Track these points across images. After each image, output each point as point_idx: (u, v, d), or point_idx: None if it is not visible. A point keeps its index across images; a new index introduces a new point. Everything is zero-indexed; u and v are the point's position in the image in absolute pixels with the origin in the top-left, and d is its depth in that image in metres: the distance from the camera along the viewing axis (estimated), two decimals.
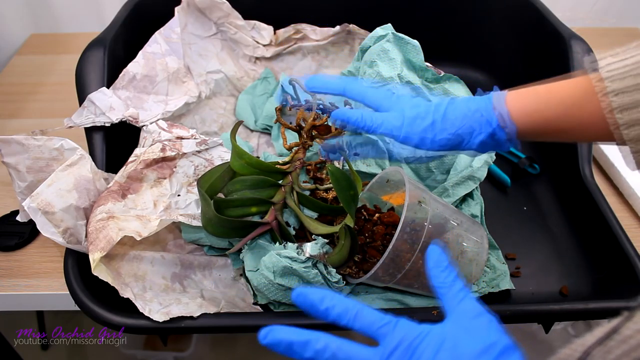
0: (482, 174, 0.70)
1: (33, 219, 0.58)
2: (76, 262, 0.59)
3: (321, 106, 0.74)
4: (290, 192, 0.64)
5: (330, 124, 0.71)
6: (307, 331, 0.38)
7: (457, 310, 0.40)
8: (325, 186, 0.69)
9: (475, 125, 0.51)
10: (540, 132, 0.50)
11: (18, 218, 0.62)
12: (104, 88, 0.71)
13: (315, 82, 0.58)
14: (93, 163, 0.63)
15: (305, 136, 0.70)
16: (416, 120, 0.52)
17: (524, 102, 0.50)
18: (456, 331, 0.39)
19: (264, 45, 0.89)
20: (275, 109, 0.79)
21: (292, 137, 0.76)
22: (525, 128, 0.50)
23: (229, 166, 0.63)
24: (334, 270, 0.57)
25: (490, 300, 0.62)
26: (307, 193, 0.68)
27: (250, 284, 0.61)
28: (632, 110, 0.44)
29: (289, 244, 0.57)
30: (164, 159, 0.66)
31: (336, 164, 0.72)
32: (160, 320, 0.55)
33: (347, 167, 0.70)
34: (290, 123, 0.76)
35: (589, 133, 0.48)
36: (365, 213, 0.65)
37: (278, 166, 0.66)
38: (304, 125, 0.72)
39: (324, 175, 0.71)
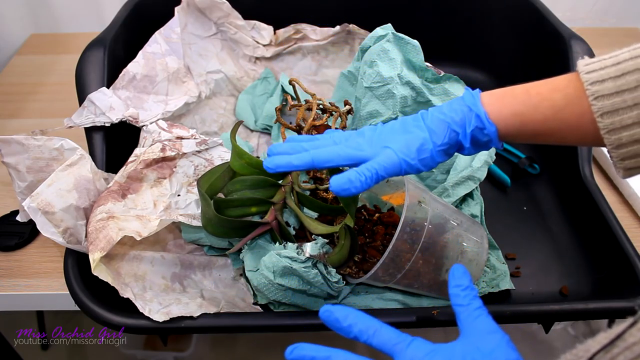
0: (482, 174, 0.70)
1: (33, 219, 0.58)
2: (76, 262, 0.59)
3: (321, 106, 0.74)
4: (290, 192, 0.64)
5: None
6: (328, 348, 0.40)
7: (471, 327, 0.41)
8: (325, 186, 0.69)
9: (460, 129, 0.48)
10: (519, 135, 0.48)
11: (18, 218, 0.62)
12: (104, 88, 0.71)
13: (275, 161, 0.49)
14: (93, 163, 0.63)
15: None
16: (408, 149, 0.48)
17: (501, 104, 0.48)
18: (467, 348, 0.39)
19: (264, 45, 0.89)
20: (275, 109, 0.79)
21: None
22: (504, 130, 0.48)
23: (229, 166, 0.63)
24: (334, 270, 0.57)
25: (490, 300, 0.62)
26: (307, 193, 0.69)
27: (250, 284, 0.61)
28: (612, 114, 0.43)
29: (289, 244, 0.57)
30: (164, 159, 0.66)
31: None
32: (160, 320, 0.55)
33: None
34: (290, 123, 0.76)
35: (572, 136, 0.47)
36: (365, 213, 0.65)
37: None
38: (304, 125, 0.72)
39: (324, 175, 0.71)
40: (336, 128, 0.72)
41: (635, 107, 0.42)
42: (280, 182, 0.65)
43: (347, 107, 0.74)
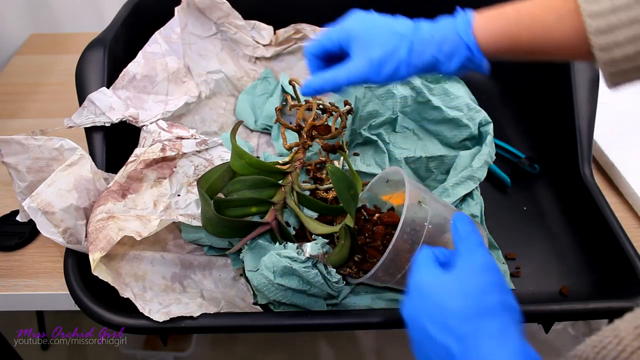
0: (482, 174, 0.70)
1: (33, 219, 0.58)
2: (76, 262, 0.59)
3: (321, 106, 0.74)
4: (290, 192, 0.64)
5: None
6: None
7: (465, 257, 0.42)
8: (325, 186, 0.69)
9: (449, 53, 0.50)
10: (510, 55, 0.49)
11: (18, 218, 0.62)
12: (104, 88, 0.71)
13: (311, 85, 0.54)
14: (93, 163, 0.64)
15: (305, 136, 0.70)
16: (385, 63, 0.51)
17: (493, 26, 0.48)
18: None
19: (264, 45, 0.89)
20: (275, 109, 0.79)
21: (292, 137, 0.76)
22: (494, 52, 0.49)
23: (229, 166, 0.63)
24: (334, 270, 0.57)
25: None
26: (307, 193, 0.68)
27: (250, 284, 0.61)
28: (607, 33, 0.43)
29: (289, 244, 0.57)
30: (164, 159, 0.66)
31: (336, 163, 0.72)
32: (160, 320, 0.55)
33: (347, 167, 0.70)
34: (290, 123, 0.76)
35: (563, 54, 0.48)
36: (365, 213, 0.65)
37: (278, 166, 0.66)
38: (304, 125, 0.72)
39: (324, 175, 0.71)
40: (336, 129, 0.72)
41: (630, 24, 0.42)
42: (280, 182, 0.65)
43: (347, 107, 0.74)
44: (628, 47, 0.43)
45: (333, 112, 0.73)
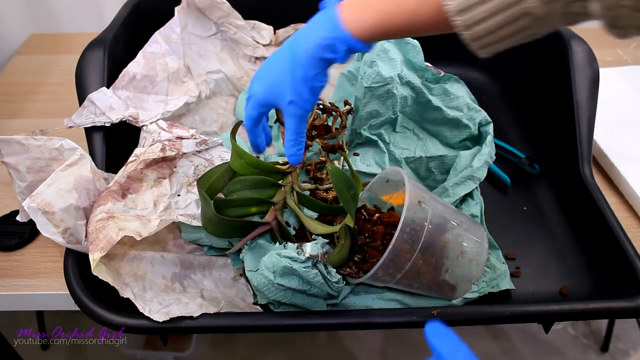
0: (482, 174, 0.70)
1: (33, 219, 0.58)
2: (76, 262, 0.59)
3: (321, 106, 0.74)
4: (291, 192, 0.64)
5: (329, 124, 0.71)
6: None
7: None
8: (325, 186, 0.69)
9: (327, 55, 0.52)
10: (385, 37, 0.53)
11: (18, 218, 0.62)
12: (104, 88, 0.71)
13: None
14: (93, 163, 0.64)
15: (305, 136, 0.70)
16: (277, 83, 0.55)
17: (363, 19, 0.51)
18: None
19: (264, 45, 0.89)
20: (275, 109, 0.79)
21: None
22: (370, 38, 0.52)
23: (229, 166, 0.63)
24: (334, 270, 0.57)
25: (490, 300, 0.62)
26: (307, 193, 0.68)
27: (250, 284, 0.61)
28: (465, 11, 0.46)
29: (289, 243, 0.57)
30: (164, 159, 0.66)
31: (336, 163, 0.72)
32: (160, 320, 0.55)
33: (347, 167, 0.70)
34: None
35: (432, 31, 0.51)
36: (365, 213, 0.65)
37: (278, 166, 0.66)
38: None
39: (324, 175, 0.71)
40: (336, 128, 0.72)
41: (483, 2, 0.45)
42: (280, 182, 0.65)
43: (347, 107, 0.74)
44: (488, 22, 0.46)
45: (333, 112, 0.73)
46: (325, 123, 0.72)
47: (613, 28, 0.42)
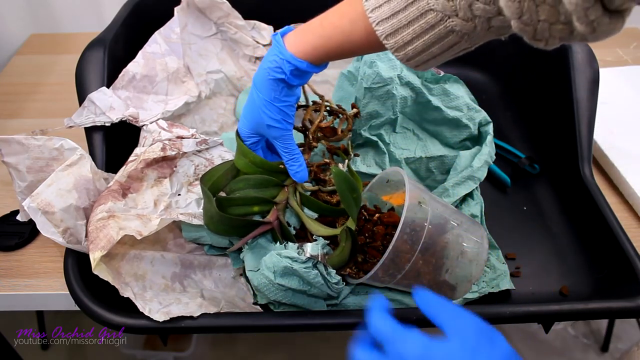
0: (482, 174, 0.70)
1: (33, 219, 0.58)
2: (76, 262, 0.59)
3: (328, 108, 0.74)
4: (293, 192, 0.64)
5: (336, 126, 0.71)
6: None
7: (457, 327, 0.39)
8: (329, 188, 0.69)
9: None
10: (328, 59, 0.56)
11: (18, 218, 0.62)
12: (104, 88, 0.71)
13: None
14: (93, 163, 0.64)
15: (310, 137, 0.69)
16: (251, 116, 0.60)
17: (304, 42, 0.54)
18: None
19: (264, 45, 0.89)
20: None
21: (296, 138, 0.76)
22: (314, 61, 0.55)
23: (233, 164, 0.63)
24: (334, 271, 0.57)
25: (490, 300, 0.62)
26: (309, 194, 0.68)
27: (250, 283, 0.61)
28: (394, 34, 0.48)
29: (290, 244, 0.57)
30: (164, 159, 0.67)
31: (340, 166, 0.72)
32: (160, 320, 0.55)
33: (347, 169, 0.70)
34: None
35: (368, 51, 0.54)
36: (365, 213, 0.65)
37: (282, 166, 0.66)
38: (309, 126, 0.71)
39: (326, 177, 0.70)
40: (342, 131, 0.72)
41: (409, 24, 0.47)
42: (283, 182, 0.65)
43: (355, 110, 0.74)
44: (416, 43, 0.48)
45: (340, 115, 0.73)
46: (332, 125, 0.72)
47: (535, 40, 0.43)
